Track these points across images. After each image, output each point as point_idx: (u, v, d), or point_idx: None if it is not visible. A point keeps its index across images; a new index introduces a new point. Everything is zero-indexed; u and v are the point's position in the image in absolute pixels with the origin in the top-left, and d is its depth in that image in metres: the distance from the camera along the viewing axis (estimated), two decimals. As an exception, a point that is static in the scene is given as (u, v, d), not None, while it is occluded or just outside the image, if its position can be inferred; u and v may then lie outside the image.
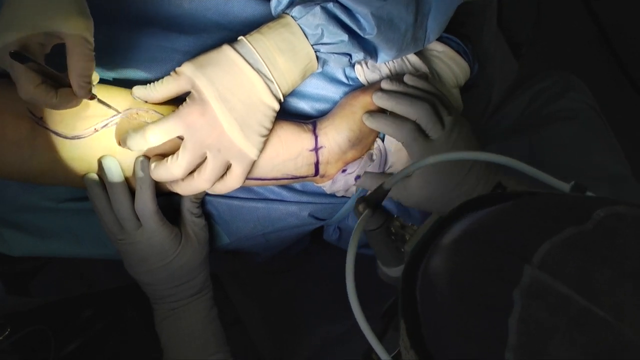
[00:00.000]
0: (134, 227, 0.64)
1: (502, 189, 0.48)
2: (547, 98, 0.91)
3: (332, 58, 0.62)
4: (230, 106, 0.58)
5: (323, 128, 0.66)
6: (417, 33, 0.64)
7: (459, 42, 0.73)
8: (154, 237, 0.64)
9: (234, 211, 0.69)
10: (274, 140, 0.64)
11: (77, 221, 0.67)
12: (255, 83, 0.59)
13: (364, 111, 0.65)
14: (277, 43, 0.59)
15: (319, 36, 0.60)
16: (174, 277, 0.67)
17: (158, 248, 0.65)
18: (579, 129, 0.86)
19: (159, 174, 0.60)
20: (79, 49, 0.53)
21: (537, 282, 0.33)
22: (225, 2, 0.64)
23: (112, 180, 0.61)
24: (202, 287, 0.70)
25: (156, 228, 0.64)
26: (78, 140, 0.60)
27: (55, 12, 0.52)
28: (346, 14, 0.59)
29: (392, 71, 0.69)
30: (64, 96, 0.55)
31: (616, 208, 0.36)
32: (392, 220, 0.51)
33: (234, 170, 0.61)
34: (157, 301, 0.69)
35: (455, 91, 0.72)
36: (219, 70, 0.59)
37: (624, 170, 0.83)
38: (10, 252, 0.68)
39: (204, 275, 0.70)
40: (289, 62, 0.60)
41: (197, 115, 0.58)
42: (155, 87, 0.59)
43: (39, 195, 0.66)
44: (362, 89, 0.67)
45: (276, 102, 0.61)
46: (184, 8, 0.64)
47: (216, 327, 0.71)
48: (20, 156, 0.59)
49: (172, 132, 0.59)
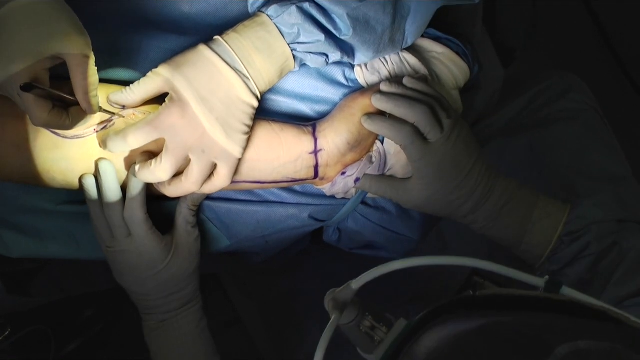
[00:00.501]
0: (124, 235, 0.63)
1: (475, 286, 0.47)
2: (547, 98, 0.91)
3: (308, 58, 0.62)
4: (210, 106, 0.58)
5: (322, 131, 0.66)
6: (394, 35, 0.64)
7: (458, 44, 0.72)
8: (142, 246, 0.64)
9: (234, 215, 0.69)
10: (274, 143, 0.64)
11: (75, 224, 0.67)
12: (234, 82, 0.59)
13: (363, 113, 0.65)
14: (254, 42, 0.59)
15: (295, 35, 0.60)
16: (163, 287, 0.67)
17: (147, 257, 0.64)
18: (579, 130, 0.86)
19: (144, 176, 0.60)
20: (82, 68, 0.53)
21: None
22: (224, 6, 0.64)
23: (107, 184, 0.61)
24: (191, 297, 0.69)
25: (145, 236, 0.63)
26: (77, 140, 0.60)
27: (54, 34, 0.51)
28: (322, 14, 0.59)
29: (392, 73, 0.69)
30: (76, 116, 0.55)
31: (578, 344, 0.34)
32: (363, 320, 0.49)
33: (220, 170, 0.61)
34: (146, 312, 0.69)
35: (455, 93, 0.72)
36: (197, 71, 0.58)
37: (624, 171, 0.83)
38: (9, 253, 0.68)
39: (194, 286, 0.70)
40: (265, 60, 0.60)
41: (177, 117, 0.58)
42: (132, 89, 0.59)
43: (38, 197, 0.66)
44: (362, 91, 0.67)
45: (255, 99, 0.61)
46: (182, 11, 0.64)
47: (206, 339, 0.71)
48: (20, 158, 0.59)
49: (153, 134, 0.58)
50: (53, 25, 0.52)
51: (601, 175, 0.80)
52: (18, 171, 0.60)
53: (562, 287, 0.41)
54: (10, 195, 0.65)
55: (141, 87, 0.59)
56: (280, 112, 0.68)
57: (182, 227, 0.66)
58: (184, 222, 0.66)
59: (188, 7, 0.64)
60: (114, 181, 0.61)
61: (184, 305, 0.69)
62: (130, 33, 0.63)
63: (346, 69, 0.68)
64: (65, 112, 0.55)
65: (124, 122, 0.60)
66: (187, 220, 0.66)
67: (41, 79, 0.53)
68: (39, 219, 0.67)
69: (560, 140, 0.85)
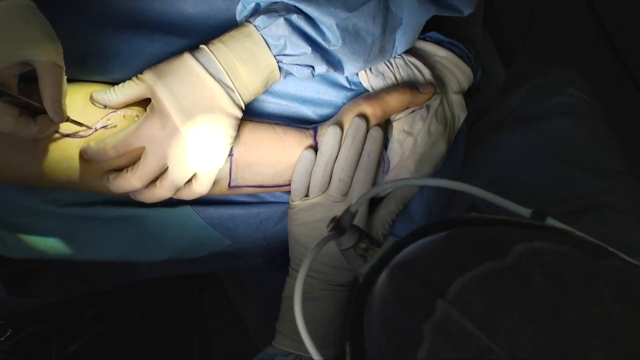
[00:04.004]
0: (343, 192, 0.65)
1: (475, 211, 0.48)
2: (543, 93, 0.91)
3: (294, 69, 0.62)
4: (191, 116, 0.58)
5: (323, 135, 0.65)
6: (385, 45, 0.64)
7: (461, 47, 0.72)
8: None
9: (237, 218, 0.69)
10: (277, 146, 0.64)
11: (76, 226, 0.67)
12: (217, 93, 0.59)
13: None
14: (239, 53, 0.59)
15: (281, 47, 0.60)
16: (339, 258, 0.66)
17: None
18: (575, 125, 0.86)
19: (119, 185, 0.59)
20: (51, 76, 0.52)
21: (447, 317, 0.33)
22: (226, 10, 0.63)
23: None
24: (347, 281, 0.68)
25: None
26: (79, 140, 0.59)
27: (24, 40, 0.50)
28: (310, 26, 0.59)
29: (397, 76, 0.68)
30: (43, 124, 0.54)
31: (534, 244, 0.36)
32: (359, 243, 0.51)
33: (200, 177, 0.61)
34: (310, 275, 0.67)
35: (457, 97, 0.72)
36: (180, 81, 0.58)
37: (619, 166, 0.84)
38: (10, 254, 0.68)
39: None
40: (250, 72, 0.60)
41: (157, 128, 0.58)
42: (116, 91, 0.59)
43: (39, 198, 0.66)
44: (364, 97, 0.67)
45: (239, 110, 0.60)
46: (183, 14, 0.64)
47: (338, 328, 0.69)
48: (22, 159, 0.59)
49: (133, 144, 0.58)
50: (24, 30, 0.51)
51: (596, 170, 0.80)
52: (20, 172, 0.60)
53: (547, 218, 0.42)
54: (10, 197, 0.65)
55: (125, 90, 0.59)
56: (283, 115, 0.68)
57: (381, 223, 0.68)
58: (387, 218, 0.68)
59: (192, 8, 0.63)
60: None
61: (341, 284, 0.68)
62: (131, 35, 0.63)
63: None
64: (32, 120, 0.54)
65: (126, 123, 0.60)
66: (388, 220, 0.68)
67: (9, 84, 0.52)
68: (40, 220, 0.66)
69: (556, 135, 0.85)
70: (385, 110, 0.66)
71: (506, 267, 0.34)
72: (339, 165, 0.64)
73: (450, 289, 0.34)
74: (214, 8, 0.63)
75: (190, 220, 0.68)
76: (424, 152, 0.67)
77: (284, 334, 0.67)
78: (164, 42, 0.63)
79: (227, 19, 0.64)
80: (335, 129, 0.64)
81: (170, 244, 0.70)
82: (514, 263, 0.34)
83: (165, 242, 0.70)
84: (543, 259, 0.35)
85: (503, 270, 0.34)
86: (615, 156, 0.84)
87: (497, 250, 0.35)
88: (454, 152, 0.74)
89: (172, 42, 0.63)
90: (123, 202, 0.66)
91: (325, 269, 0.67)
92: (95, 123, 0.59)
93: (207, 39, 0.61)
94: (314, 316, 0.67)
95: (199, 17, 0.63)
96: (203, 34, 0.62)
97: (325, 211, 0.65)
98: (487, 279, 0.34)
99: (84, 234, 0.67)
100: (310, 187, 0.66)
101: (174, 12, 0.63)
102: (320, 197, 0.65)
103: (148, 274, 0.83)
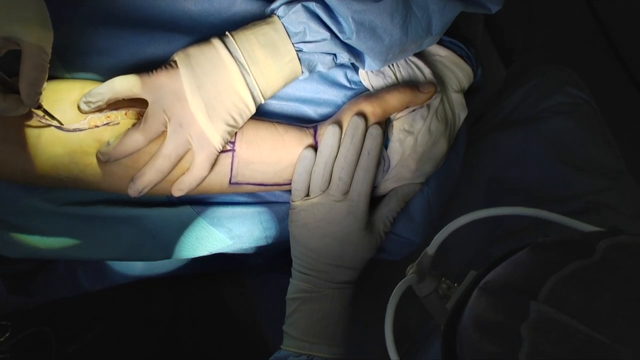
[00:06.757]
0: (343, 191, 0.65)
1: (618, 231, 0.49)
2: (542, 92, 0.91)
3: (315, 57, 0.62)
4: (199, 83, 0.58)
5: (323, 134, 0.66)
6: (408, 48, 0.64)
7: (462, 46, 0.72)
8: (357, 208, 0.65)
9: (238, 218, 0.69)
10: (278, 145, 0.64)
11: (76, 225, 0.67)
12: (231, 70, 0.59)
13: None
14: (258, 37, 0.60)
15: (302, 35, 0.60)
16: (343, 255, 0.66)
17: (352, 219, 0.65)
18: (574, 125, 0.86)
19: (123, 144, 0.59)
20: (34, 59, 0.52)
21: (543, 317, 0.34)
22: (228, 7, 0.64)
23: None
24: (352, 279, 0.68)
25: (364, 200, 0.66)
26: (80, 133, 0.59)
27: (15, 18, 0.51)
28: (327, 15, 0.59)
29: (397, 75, 0.68)
30: (11, 102, 0.54)
31: (618, 238, 0.37)
32: (440, 284, 0.53)
33: (197, 158, 0.60)
34: (308, 272, 0.68)
35: (458, 95, 0.72)
36: (198, 51, 0.60)
37: (618, 166, 0.84)
38: (10, 254, 0.68)
39: (358, 273, 0.69)
40: (267, 57, 0.60)
41: (165, 77, 0.59)
42: (102, 87, 0.59)
43: (39, 197, 0.66)
44: (364, 96, 0.67)
45: (250, 97, 0.60)
46: (185, 11, 0.64)
47: (346, 326, 0.69)
48: (23, 156, 0.59)
49: (138, 90, 0.59)
50: (16, 9, 0.51)
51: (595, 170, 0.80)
52: (21, 169, 0.60)
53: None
54: (10, 196, 0.65)
55: (110, 85, 0.59)
56: (283, 115, 0.68)
57: (382, 221, 0.68)
58: (388, 217, 0.68)
59: (193, 5, 0.63)
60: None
61: (344, 282, 0.68)
62: (133, 33, 0.63)
63: (348, 70, 0.68)
64: (2, 95, 0.54)
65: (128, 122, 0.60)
66: (389, 218, 0.68)
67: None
68: (40, 220, 0.66)
69: (556, 135, 0.85)
70: (385, 109, 0.66)
71: (595, 263, 0.35)
72: (338, 165, 0.64)
73: (542, 290, 0.35)
74: (216, 6, 0.63)
75: (190, 220, 0.69)
76: (424, 151, 0.67)
77: (293, 336, 0.68)
78: (165, 40, 0.63)
79: (228, 16, 0.64)
80: (334, 128, 0.64)
81: (170, 244, 0.70)
82: (601, 258, 0.36)
83: (165, 242, 0.70)
84: (631, 250, 0.36)
85: (592, 266, 0.35)
86: (615, 156, 0.84)
87: (583, 250, 0.37)
88: (454, 151, 0.74)
89: (173, 39, 0.63)
90: (123, 201, 0.66)
91: (328, 268, 0.67)
92: (80, 121, 0.59)
93: (209, 37, 0.61)
94: (321, 315, 0.67)
95: (200, 14, 0.63)
96: (204, 32, 0.63)
97: (325, 211, 0.65)
98: (578, 275, 0.35)
99: (84, 233, 0.67)
100: (311, 187, 0.66)
101: (176, 10, 0.63)
102: (321, 197, 0.65)
103: (147, 274, 0.83)
